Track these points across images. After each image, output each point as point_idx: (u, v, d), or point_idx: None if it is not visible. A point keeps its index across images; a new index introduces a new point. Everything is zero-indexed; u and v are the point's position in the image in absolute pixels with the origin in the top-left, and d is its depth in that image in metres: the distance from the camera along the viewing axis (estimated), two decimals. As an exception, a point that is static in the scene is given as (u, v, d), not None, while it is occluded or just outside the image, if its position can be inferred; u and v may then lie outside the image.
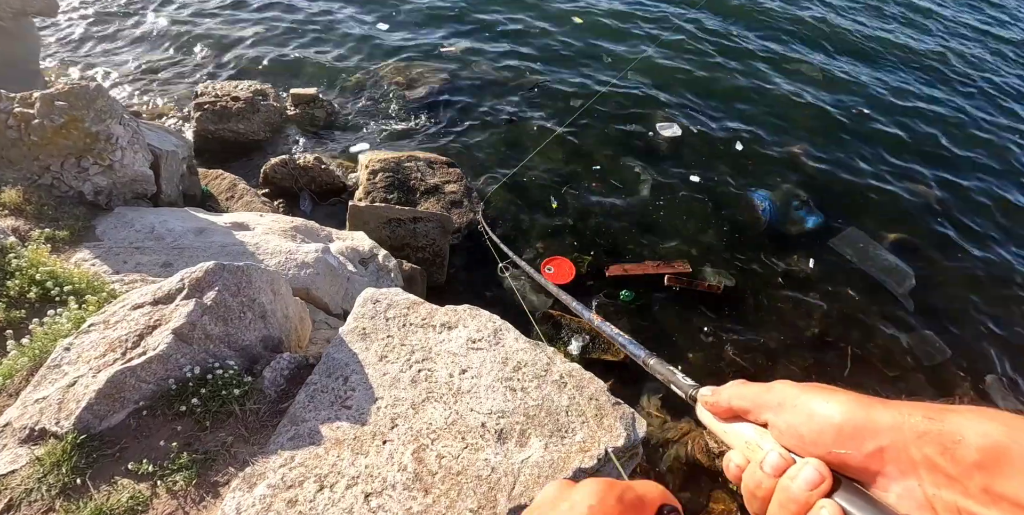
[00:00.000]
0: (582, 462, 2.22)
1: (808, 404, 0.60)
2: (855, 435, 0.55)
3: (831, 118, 9.57)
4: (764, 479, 0.60)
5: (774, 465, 0.60)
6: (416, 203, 6.49)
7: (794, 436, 0.60)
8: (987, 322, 6.75)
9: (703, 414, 0.77)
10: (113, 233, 3.98)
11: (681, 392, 0.88)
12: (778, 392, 0.64)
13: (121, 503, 1.96)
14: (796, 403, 0.61)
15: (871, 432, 0.55)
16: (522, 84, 9.35)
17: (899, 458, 0.53)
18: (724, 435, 0.72)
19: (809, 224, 7.43)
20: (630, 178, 7.77)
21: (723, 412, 0.72)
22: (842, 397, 0.59)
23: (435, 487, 2.05)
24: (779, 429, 0.63)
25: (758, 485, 0.61)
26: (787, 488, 0.58)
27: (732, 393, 0.70)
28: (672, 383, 0.92)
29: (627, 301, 6.14)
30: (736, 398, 0.69)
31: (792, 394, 0.63)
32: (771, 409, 0.64)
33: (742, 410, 0.68)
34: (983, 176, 9.04)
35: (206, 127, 7.38)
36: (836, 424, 0.57)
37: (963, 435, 0.51)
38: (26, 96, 4.11)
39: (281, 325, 2.86)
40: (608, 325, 1.38)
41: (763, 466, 0.61)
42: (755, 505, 0.62)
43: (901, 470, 0.53)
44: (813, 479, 0.56)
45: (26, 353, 2.53)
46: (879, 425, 0.55)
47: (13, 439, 2.14)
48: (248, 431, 2.25)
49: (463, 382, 2.45)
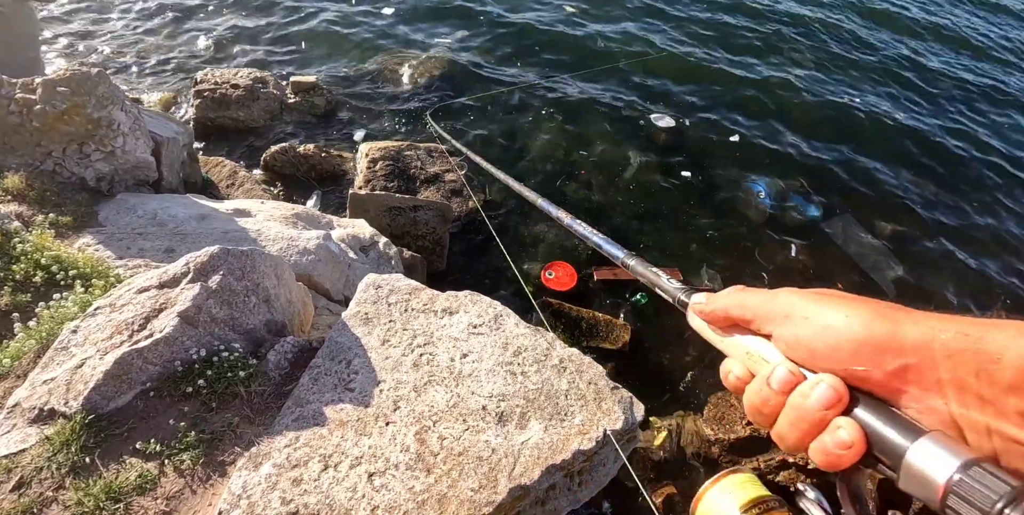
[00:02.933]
0: (581, 444, 2.27)
1: (822, 315, 0.55)
2: (877, 351, 0.51)
3: (828, 110, 9.58)
4: (772, 396, 0.57)
5: (783, 381, 0.56)
6: (416, 191, 6.51)
7: (804, 350, 0.56)
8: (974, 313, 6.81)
9: (695, 321, 0.72)
10: (116, 219, 4.01)
11: (668, 296, 0.82)
12: (784, 302, 0.59)
13: (130, 481, 2.00)
14: (807, 314, 0.56)
15: (895, 349, 0.50)
16: (518, 75, 9.35)
17: (924, 377, 0.49)
18: (720, 344, 0.68)
19: (808, 214, 7.47)
20: (624, 168, 7.78)
21: (719, 321, 0.67)
22: (862, 308, 0.54)
23: (437, 467, 2.10)
24: (786, 342, 0.58)
25: (764, 402, 0.57)
26: (799, 406, 0.54)
27: (730, 301, 0.65)
28: (657, 286, 0.86)
29: (642, 305, 6.10)
30: (735, 307, 0.64)
31: (801, 304, 0.58)
32: (775, 321, 0.59)
33: (742, 320, 0.64)
34: (980, 168, 9.08)
35: (206, 114, 7.38)
36: (856, 339, 0.52)
37: (1002, 355, 0.46)
38: (28, 82, 4.12)
39: (285, 309, 2.90)
40: (579, 223, 1.31)
41: (770, 382, 0.57)
42: (759, 419, 0.59)
43: (925, 388, 0.49)
44: (828, 397, 0.52)
45: (33, 336, 2.56)
46: (905, 342, 0.50)
47: (22, 419, 2.18)
48: (253, 412, 2.30)
49: (464, 366, 2.49)
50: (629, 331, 5.68)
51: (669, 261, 6.69)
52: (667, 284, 0.83)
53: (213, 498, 2.02)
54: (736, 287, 0.67)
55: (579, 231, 1.28)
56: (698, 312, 0.70)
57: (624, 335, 5.62)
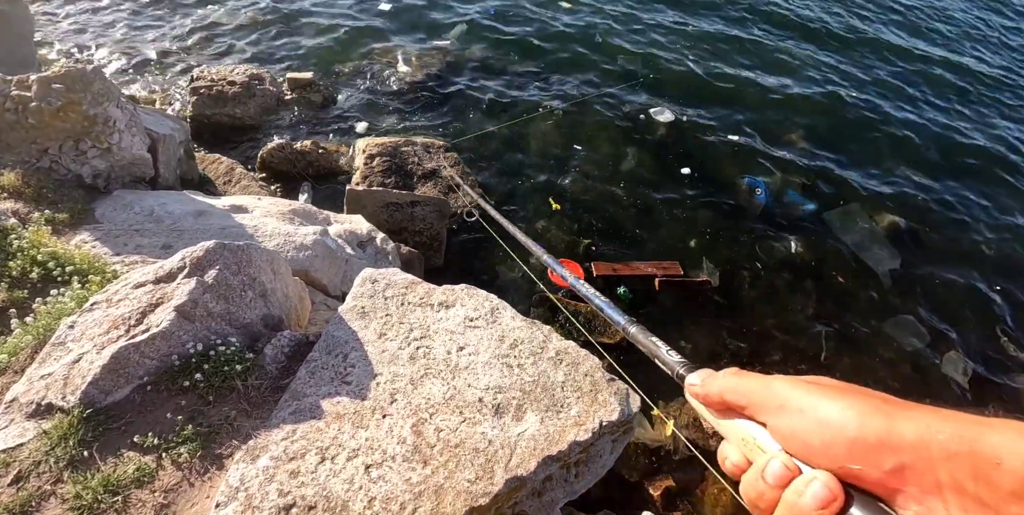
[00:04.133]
0: (577, 435, 2.27)
1: (816, 409, 0.53)
2: (873, 450, 0.49)
3: (827, 105, 9.59)
4: (767, 490, 0.55)
5: (777, 475, 0.54)
6: (413, 187, 6.52)
7: (800, 444, 0.54)
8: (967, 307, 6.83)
9: (693, 401, 0.70)
10: (112, 216, 4.01)
11: (667, 369, 0.80)
12: (779, 391, 0.57)
13: (128, 474, 2.01)
14: (801, 406, 0.54)
15: (892, 447, 0.48)
16: (516, 69, 9.34)
17: (923, 478, 0.47)
18: (717, 426, 0.66)
19: (804, 209, 7.48)
20: (623, 162, 7.79)
21: (715, 405, 0.65)
22: (856, 402, 0.52)
23: (434, 459, 2.10)
24: (781, 434, 0.56)
25: (760, 496, 0.55)
26: (793, 504, 0.52)
27: (725, 386, 0.63)
28: (656, 357, 0.84)
29: (625, 299, 6.13)
30: (730, 392, 0.62)
31: (795, 395, 0.56)
32: (771, 411, 0.57)
33: (736, 406, 0.62)
34: (977, 162, 9.09)
35: (202, 111, 7.37)
36: (850, 436, 0.50)
37: (1001, 458, 0.44)
38: (23, 79, 4.11)
39: (281, 304, 2.91)
40: (585, 285, 1.33)
41: (765, 476, 0.55)
42: (756, 513, 0.57)
43: (924, 490, 0.47)
44: (823, 497, 0.50)
45: (30, 331, 2.57)
46: (901, 440, 0.48)
47: (20, 414, 2.18)
48: (250, 406, 2.30)
49: (461, 359, 2.50)
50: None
51: (668, 253, 6.71)
52: (667, 356, 0.81)
53: (211, 491, 2.02)
54: (731, 370, 0.65)
55: (583, 292, 1.30)
56: (693, 394, 0.68)
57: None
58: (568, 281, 1.46)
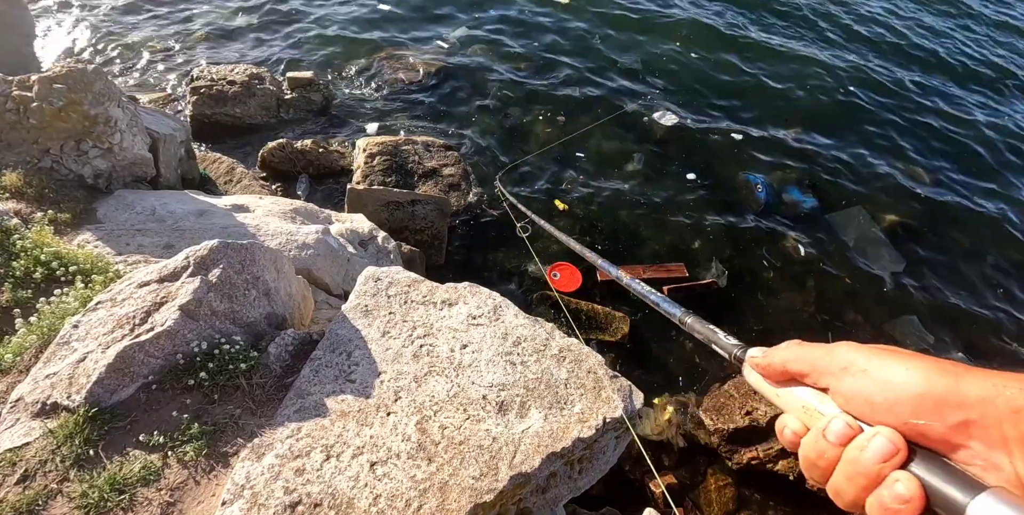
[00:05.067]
0: (581, 432, 2.28)
1: (881, 370, 0.55)
2: (938, 406, 0.50)
3: (827, 103, 9.58)
4: (828, 448, 0.56)
5: (839, 433, 0.55)
6: (414, 186, 6.52)
7: (862, 403, 0.55)
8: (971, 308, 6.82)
9: (751, 376, 0.72)
10: (114, 215, 4.01)
11: (724, 352, 0.82)
12: (842, 355, 0.59)
13: (134, 473, 2.02)
14: (866, 367, 0.56)
15: (957, 404, 0.49)
16: (516, 69, 9.33)
17: (988, 433, 0.48)
18: (777, 398, 0.67)
19: (805, 207, 7.48)
20: (626, 165, 7.78)
21: (776, 375, 0.66)
22: (922, 363, 0.53)
23: (438, 456, 2.11)
24: (843, 395, 0.57)
25: (820, 454, 0.56)
26: (855, 460, 0.53)
27: (787, 355, 0.65)
28: (714, 343, 0.87)
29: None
30: (793, 361, 0.64)
31: (859, 358, 0.57)
32: (833, 374, 0.59)
33: (799, 373, 0.63)
34: (978, 158, 9.09)
35: (202, 111, 7.37)
36: (916, 393, 0.51)
37: None
38: (24, 79, 4.11)
39: (285, 303, 2.91)
40: (638, 282, 1.35)
41: (826, 434, 0.56)
42: (815, 473, 0.58)
43: (989, 445, 0.48)
44: (886, 450, 0.51)
45: (34, 331, 2.58)
46: (967, 397, 0.49)
47: (26, 413, 2.19)
48: (255, 404, 2.31)
49: (464, 356, 2.51)
50: (628, 323, 5.70)
51: (672, 252, 6.70)
52: (724, 340, 0.84)
53: (217, 489, 2.03)
54: (793, 341, 0.67)
55: (637, 290, 1.31)
56: (755, 366, 0.70)
57: (623, 327, 5.64)
58: (624, 281, 1.49)
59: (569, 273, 6.13)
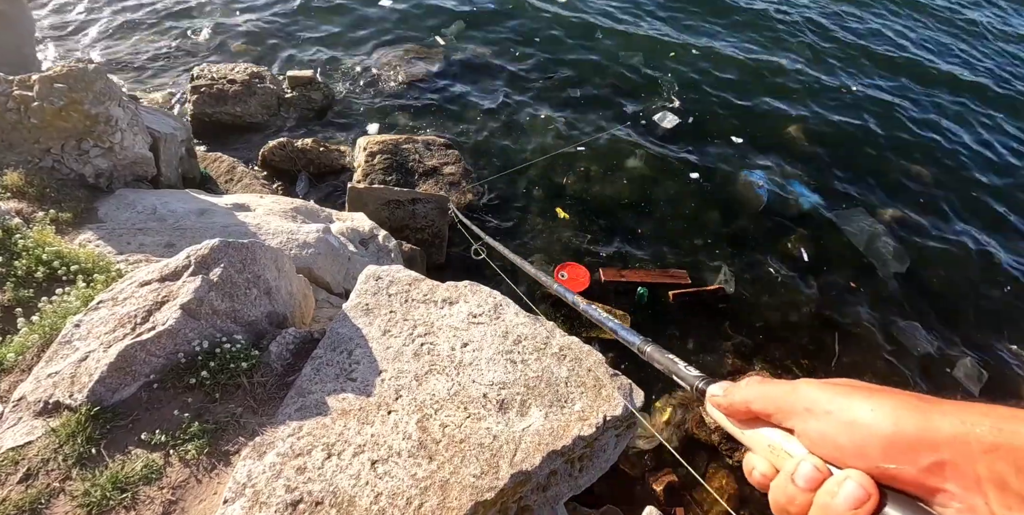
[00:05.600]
0: (581, 430, 2.29)
1: (847, 410, 0.52)
2: (909, 448, 0.47)
3: (827, 101, 9.57)
4: (797, 494, 0.53)
5: (808, 478, 0.52)
6: (415, 185, 6.52)
7: (830, 446, 0.52)
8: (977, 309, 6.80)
9: (715, 412, 0.69)
10: (115, 215, 4.02)
11: (686, 384, 0.80)
12: (805, 395, 0.56)
13: (136, 471, 2.03)
14: (830, 408, 0.53)
15: (929, 445, 0.47)
16: (515, 67, 9.33)
17: (962, 474, 0.45)
18: (742, 437, 0.64)
19: (806, 204, 7.48)
20: (628, 167, 7.78)
21: (739, 414, 0.64)
22: (889, 400, 0.51)
23: (439, 454, 2.12)
24: (810, 438, 0.55)
25: (790, 500, 0.53)
26: (826, 506, 0.50)
27: (749, 394, 0.62)
28: (674, 374, 0.85)
29: (641, 299, 6.05)
30: (755, 400, 0.61)
31: (823, 397, 0.55)
32: (798, 414, 0.56)
33: (763, 413, 0.60)
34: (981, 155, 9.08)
35: (203, 110, 7.37)
36: (884, 435, 0.49)
37: None
38: (25, 79, 4.12)
39: (286, 302, 2.92)
40: (595, 309, 1.34)
41: (795, 479, 0.53)
42: None
43: (964, 486, 0.45)
44: (856, 496, 0.48)
45: (36, 330, 2.58)
46: (938, 436, 0.46)
47: (28, 412, 2.20)
48: (256, 402, 2.32)
49: (464, 355, 2.51)
50: (628, 321, 5.70)
51: (675, 254, 6.69)
52: (684, 372, 0.82)
53: (218, 487, 2.04)
54: (754, 378, 0.63)
55: (595, 317, 1.31)
56: (716, 405, 0.67)
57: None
58: (580, 307, 1.47)
59: (576, 273, 6.13)
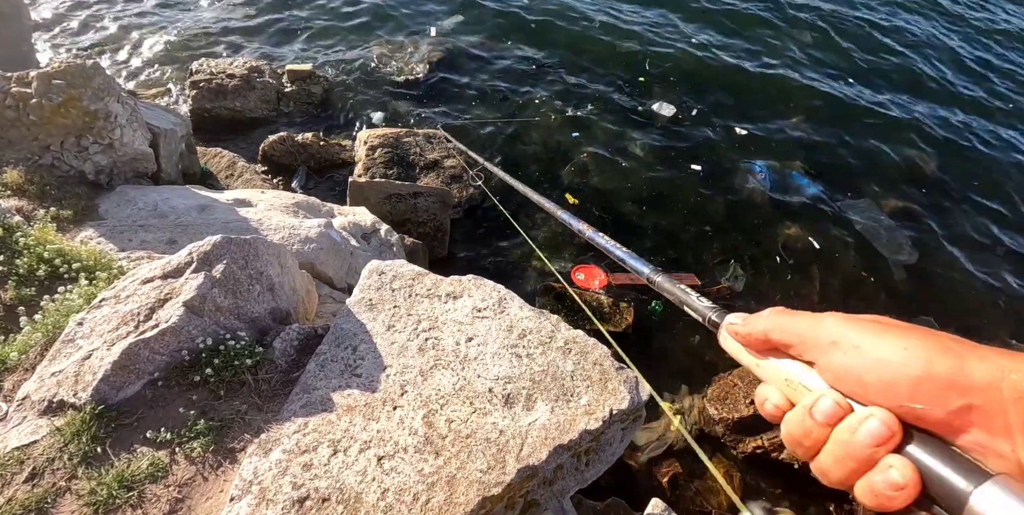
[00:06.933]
0: (588, 424, 2.28)
1: (876, 346, 0.50)
2: (939, 390, 0.46)
3: (829, 90, 9.52)
4: (815, 428, 0.52)
5: (827, 413, 0.51)
6: (416, 178, 6.50)
7: (854, 382, 0.51)
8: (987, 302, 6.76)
9: (728, 343, 0.66)
10: (116, 211, 4.01)
11: (698, 316, 0.76)
12: (831, 328, 0.54)
13: (142, 469, 2.02)
14: (859, 343, 0.51)
15: (959, 388, 0.45)
16: (514, 58, 9.28)
17: (991, 420, 0.44)
18: (757, 368, 0.62)
19: (809, 192, 7.44)
20: (626, 157, 7.74)
21: (757, 345, 0.62)
22: (922, 341, 0.49)
23: (446, 450, 2.11)
24: (833, 372, 0.53)
25: (806, 434, 0.53)
26: (845, 442, 0.49)
27: (770, 324, 0.60)
28: (686, 305, 0.80)
29: (655, 313, 6.00)
30: (776, 330, 0.59)
31: (851, 332, 0.53)
32: (821, 348, 0.54)
33: (782, 344, 0.58)
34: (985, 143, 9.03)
35: (203, 105, 7.35)
36: (915, 375, 0.47)
37: None
38: (23, 75, 4.09)
39: (289, 297, 2.91)
40: (602, 236, 1.26)
41: (813, 413, 0.52)
42: (800, 451, 0.55)
43: (991, 432, 0.44)
44: (879, 433, 0.47)
45: (39, 329, 2.57)
46: (971, 380, 0.45)
47: (32, 411, 2.19)
48: (261, 399, 2.31)
49: (469, 349, 2.50)
50: (632, 313, 5.69)
51: (683, 249, 6.66)
52: (696, 302, 0.77)
53: (224, 484, 2.03)
54: (776, 309, 0.61)
55: (601, 244, 1.23)
56: (733, 334, 0.65)
57: (627, 317, 5.64)
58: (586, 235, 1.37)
59: (592, 274, 6.10)
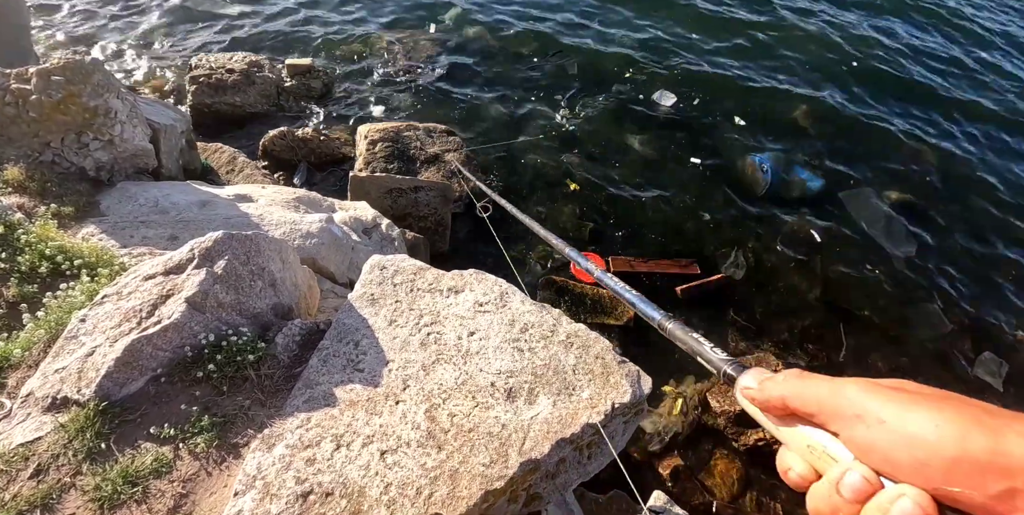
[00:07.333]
0: (590, 418, 2.28)
1: (904, 422, 0.46)
2: (976, 472, 0.42)
3: (832, 79, 9.48)
4: (843, 506, 0.48)
5: (856, 489, 0.47)
6: (417, 172, 6.49)
7: (881, 459, 0.47)
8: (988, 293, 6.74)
9: (747, 405, 0.63)
10: (117, 208, 4.01)
11: (712, 368, 0.73)
12: (854, 398, 0.50)
13: (146, 465, 2.03)
14: (884, 417, 0.47)
15: (999, 470, 0.41)
16: (513, 51, 9.25)
17: None
18: (777, 433, 0.59)
19: (812, 187, 7.42)
20: (628, 148, 7.73)
21: (775, 411, 0.58)
22: (955, 416, 0.44)
23: (448, 444, 2.12)
24: (858, 447, 0.49)
25: (834, 511, 0.49)
26: None
27: (787, 390, 0.56)
28: (699, 355, 0.77)
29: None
30: (793, 398, 0.55)
31: (876, 404, 0.49)
32: (845, 420, 0.50)
33: (802, 412, 0.55)
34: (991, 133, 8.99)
35: (202, 100, 7.33)
36: (949, 457, 0.43)
37: None
38: (22, 72, 4.09)
39: (291, 293, 2.91)
40: (614, 279, 1.25)
41: (840, 489, 0.48)
42: None
43: None
44: None
45: (42, 326, 2.58)
46: (1012, 460, 0.41)
47: (36, 408, 2.20)
48: (264, 395, 2.32)
49: (471, 344, 2.50)
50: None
51: (679, 241, 6.65)
52: (710, 353, 0.74)
53: (228, 479, 2.04)
54: (792, 372, 0.58)
55: (612, 286, 1.22)
56: (748, 398, 0.62)
57: (628, 310, 5.64)
58: (595, 275, 1.38)
59: (593, 261, 6.07)
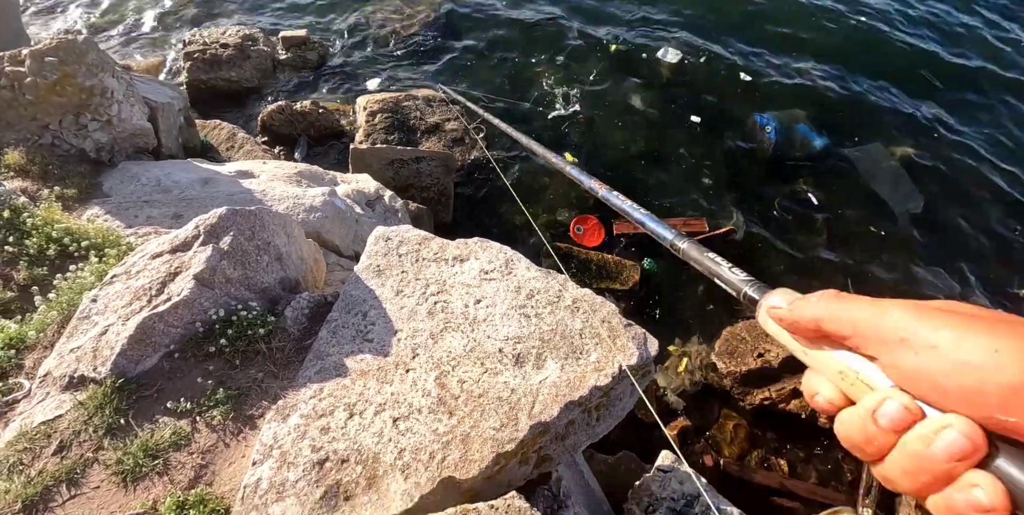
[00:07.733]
0: (597, 380, 2.31)
1: (958, 349, 0.42)
2: None
3: (837, 37, 9.28)
4: (879, 435, 0.45)
5: (895, 419, 0.44)
6: (417, 143, 6.45)
7: (927, 387, 0.43)
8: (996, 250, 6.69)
9: (770, 325, 0.58)
10: (120, 188, 4.02)
11: (731, 290, 0.68)
12: (899, 321, 0.46)
13: (165, 438, 2.08)
14: (935, 342, 0.43)
15: None
16: (510, 14, 9.09)
17: None
18: (803, 356, 0.54)
19: (817, 146, 7.33)
20: (628, 105, 7.64)
21: (805, 332, 0.54)
22: (1011, 341, 0.40)
23: (459, 409, 2.16)
24: (900, 373, 0.45)
25: (868, 440, 0.45)
26: (918, 454, 0.42)
27: (821, 312, 0.52)
28: (717, 277, 0.71)
29: (651, 270, 5.94)
30: (829, 320, 0.51)
31: (924, 329, 0.44)
32: (887, 344, 0.46)
33: (836, 335, 0.50)
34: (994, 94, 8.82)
35: (198, 77, 7.27)
36: (1007, 384, 0.39)
37: None
38: (15, 54, 4.05)
39: (297, 267, 2.93)
40: (617, 196, 1.20)
41: (877, 418, 0.44)
42: (860, 455, 0.47)
43: None
44: (960, 447, 0.40)
45: (54, 307, 2.62)
46: None
47: (55, 387, 2.25)
48: (276, 367, 2.36)
49: (478, 311, 2.53)
50: (639, 271, 5.70)
51: (685, 202, 6.62)
52: (729, 274, 0.69)
53: (246, 450, 2.10)
54: (829, 292, 0.53)
55: (617, 205, 1.15)
56: (776, 319, 0.57)
57: (634, 275, 5.66)
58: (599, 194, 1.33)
59: (592, 227, 6.08)
